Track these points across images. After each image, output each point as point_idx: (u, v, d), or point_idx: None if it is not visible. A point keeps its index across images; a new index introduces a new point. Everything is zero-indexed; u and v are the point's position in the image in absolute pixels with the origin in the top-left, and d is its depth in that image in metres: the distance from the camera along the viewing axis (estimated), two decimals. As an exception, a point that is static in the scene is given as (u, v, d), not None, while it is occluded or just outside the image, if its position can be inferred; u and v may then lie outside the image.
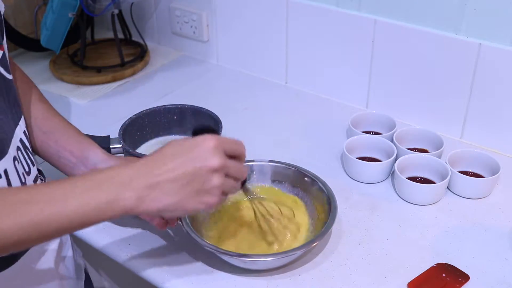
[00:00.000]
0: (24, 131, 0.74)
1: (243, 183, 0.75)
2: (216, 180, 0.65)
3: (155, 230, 0.91)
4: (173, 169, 0.64)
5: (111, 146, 0.99)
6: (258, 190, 0.95)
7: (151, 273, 0.84)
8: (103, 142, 0.99)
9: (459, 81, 1.08)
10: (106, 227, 0.91)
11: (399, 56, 1.14)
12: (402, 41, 1.12)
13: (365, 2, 1.15)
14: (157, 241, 0.89)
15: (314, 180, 0.93)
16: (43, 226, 0.59)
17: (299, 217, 0.91)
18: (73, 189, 0.61)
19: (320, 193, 0.91)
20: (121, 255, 0.87)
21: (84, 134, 0.99)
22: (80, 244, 1.04)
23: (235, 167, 0.68)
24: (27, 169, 0.73)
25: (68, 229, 0.62)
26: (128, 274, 0.88)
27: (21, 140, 0.72)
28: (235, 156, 0.69)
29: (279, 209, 0.90)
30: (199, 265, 0.85)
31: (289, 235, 0.87)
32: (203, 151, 0.65)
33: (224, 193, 0.68)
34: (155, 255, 0.87)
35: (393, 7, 1.11)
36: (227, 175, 0.67)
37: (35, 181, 0.76)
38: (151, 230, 0.91)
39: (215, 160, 0.65)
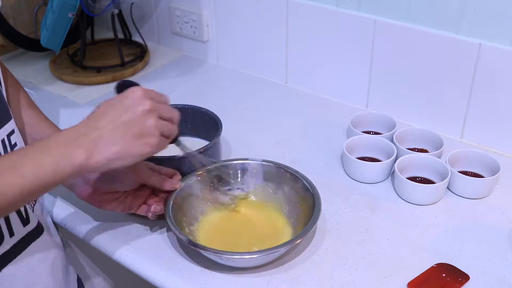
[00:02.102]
0: (3, 139, 0.74)
1: (175, 138, 0.80)
2: (151, 120, 0.71)
3: (154, 228, 0.91)
4: (111, 120, 0.69)
5: None
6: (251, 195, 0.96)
7: (151, 273, 0.84)
8: None
9: (459, 81, 1.08)
10: (104, 226, 0.91)
11: (399, 56, 1.14)
12: (402, 41, 1.12)
13: (365, 2, 1.15)
14: (156, 241, 0.89)
15: (298, 179, 0.92)
16: (8, 190, 0.62)
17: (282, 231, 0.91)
18: (26, 153, 0.65)
19: (306, 193, 0.91)
20: (120, 254, 0.87)
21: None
22: (78, 244, 1.04)
23: (166, 108, 0.75)
24: None
25: (34, 191, 0.64)
26: (126, 273, 0.88)
27: None
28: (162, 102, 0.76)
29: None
30: (199, 264, 0.85)
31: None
32: (133, 99, 0.71)
33: (163, 135, 0.73)
34: (155, 255, 0.87)
35: (393, 7, 1.11)
36: (160, 118, 0.73)
37: None
38: (150, 229, 0.91)
39: (146, 104, 0.71)
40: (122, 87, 0.78)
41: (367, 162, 1.03)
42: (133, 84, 0.78)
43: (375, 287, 0.81)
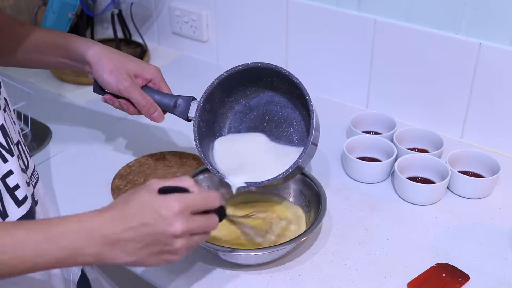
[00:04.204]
0: (2, 124, 0.69)
1: (222, 217, 0.71)
2: (179, 243, 0.64)
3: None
4: (134, 229, 0.62)
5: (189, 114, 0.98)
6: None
7: (150, 272, 0.84)
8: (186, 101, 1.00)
9: (459, 81, 1.08)
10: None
11: (399, 56, 1.14)
12: (402, 41, 1.12)
13: (365, 2, 1.15)
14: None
15: (305, 178, 0.93)
16: (7, 269, 0.59)
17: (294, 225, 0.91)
18: (31, 236, 0.60)
19: (312, 193, 0.92)
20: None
21: (172, 94, 1.03)
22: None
23: (201, 226, 0.66)
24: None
25: (35, 271, 0.61)
26: (126, 273, 0.88)
27: None
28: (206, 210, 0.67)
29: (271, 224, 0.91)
30: (199, 264, 0.85)
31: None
32: (166, 215, 0.63)
33: (191, 249, 0.67)
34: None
35: (393, 7, 1.11)
36: (193, 234, 0.66)
37: (31, 176, 0.76)
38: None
39: (178, 226, 0.63)
40: (168, 190, 0.66)
41: (367, 162, 1.03)
42: (180, 189, 0.67)
43: (375, 287, 0.81)
